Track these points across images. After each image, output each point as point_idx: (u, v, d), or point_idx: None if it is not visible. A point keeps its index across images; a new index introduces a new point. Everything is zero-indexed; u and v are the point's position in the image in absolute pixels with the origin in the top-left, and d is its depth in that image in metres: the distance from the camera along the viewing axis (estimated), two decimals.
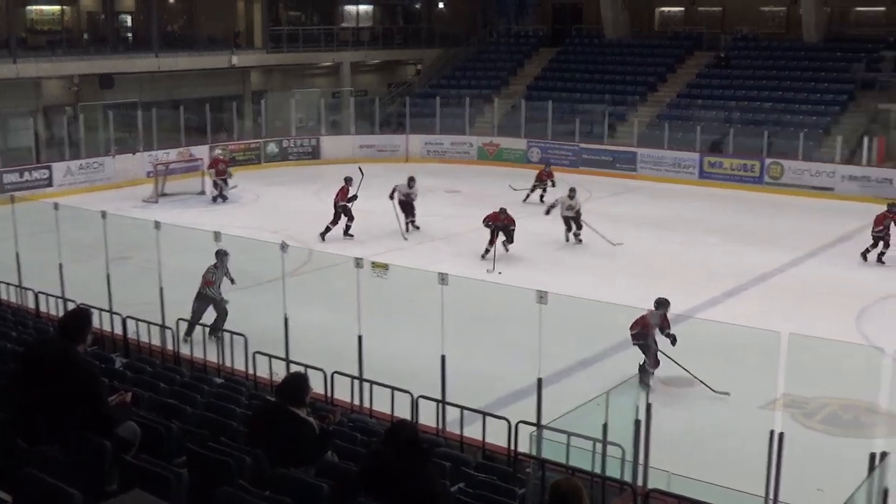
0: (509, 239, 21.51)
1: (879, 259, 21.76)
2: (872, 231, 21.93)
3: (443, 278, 11.60)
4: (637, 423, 9.95)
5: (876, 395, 13.06)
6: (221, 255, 15.69)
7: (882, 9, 37.50)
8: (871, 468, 8.32)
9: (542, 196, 27.82)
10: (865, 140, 30.60)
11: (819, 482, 10.10)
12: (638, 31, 42.02)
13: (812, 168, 30.69)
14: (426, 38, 45.83)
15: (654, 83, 38.49)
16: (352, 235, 23.65)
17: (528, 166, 34.52)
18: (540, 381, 11.36)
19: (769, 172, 31.29)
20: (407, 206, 24.17)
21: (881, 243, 21.76)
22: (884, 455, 8.32)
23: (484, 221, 21.64)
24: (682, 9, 42.47)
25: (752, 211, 27.93)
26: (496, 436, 10.30)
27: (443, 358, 11.94)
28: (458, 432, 10.65)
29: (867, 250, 21.87)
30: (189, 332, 15.00)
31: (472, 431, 10.56)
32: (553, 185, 27.75)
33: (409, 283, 15.37)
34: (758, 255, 22.07)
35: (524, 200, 27.72)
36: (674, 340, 13.89)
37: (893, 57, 34.27)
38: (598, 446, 9.51)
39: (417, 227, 24.24)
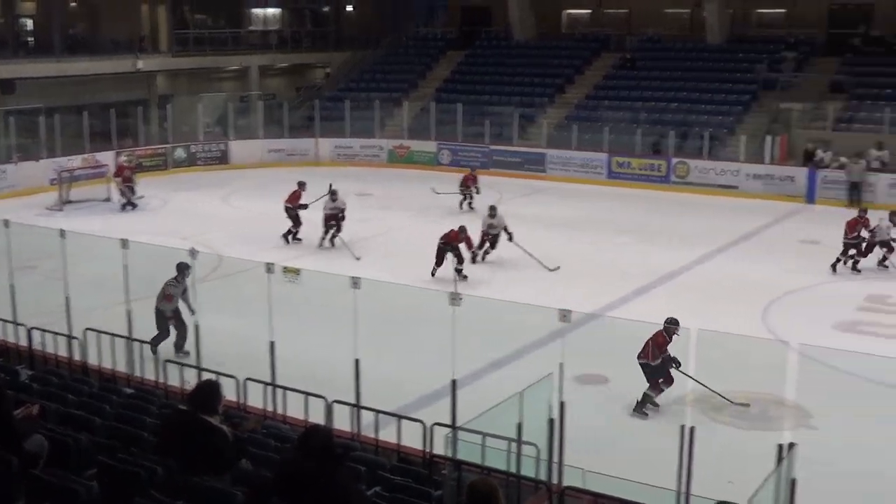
0: (460, 260, 20.19)
1: (854, 267, 20.95)
2: (844, 238, 21.01)
3: (355, 282, 11.56)
4: (551, 421, 10.03)
5: (782, 388, 13.34)
6: (183, 268, 14.96)
7: (783, 10, 38.39)
8: (779, 459, 8.50)
9: (470, 204, 27.32)
10: (768, 139, 31.29)
11: (729, 475, 10.27)
12: (545, 32, 42.37)
13: (717, 167, 31.29)
14: (334, 41, 45.69)
15: (562, 85, 38.85)
16: (300, 240, 23.30)
17: (439, 168, 34.74)
18: (454, 382, 11.40)
19: (676, 172, 31.83)
20: (332, 220, 22.91)
21: (853, 251, 20.94)
22: (791, 446, 8.51)
23: (441, 240, 20.17)
24: (588, 11, 42.96)
25: (659, 210, 28.36)
26: (411, 438, 10.28)
27: (356, 362, 11.90)
28: (373, 436, 10.62)
29: (838, 260, 21.01)
30: (155, 345, 14.65)
31: (388, 435, 10.54)
32: (478, 192, 27.50)
33: (322, 287, 15.29)
34: (666, 254, 22.40)
35: (461, 208, 27.27)
36: (678, 364, 13.23)
37: (794, 57, 35.11)
38: (514, 446, 9.58)
39: (332, 244, 22.96)
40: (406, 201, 28.87)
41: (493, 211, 22.01)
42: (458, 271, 20.08)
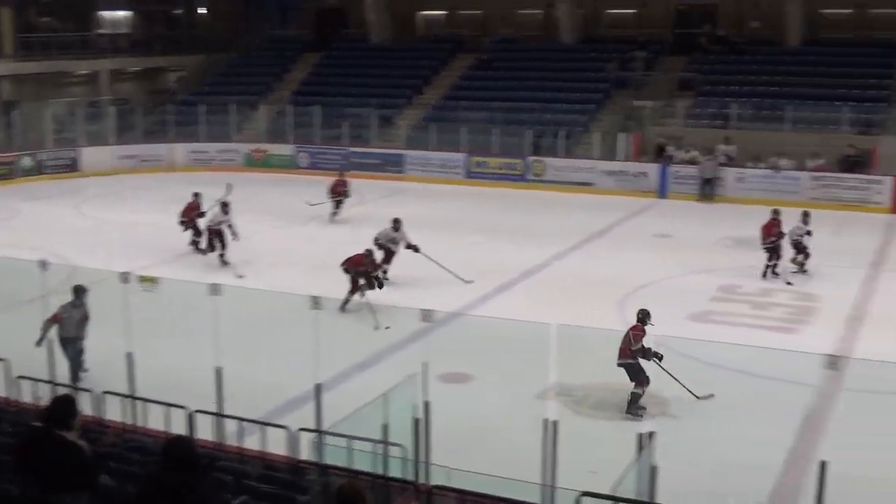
0: (369, 284, 17.96)
1: (773, 271, 20.38)
2: (762, 243, 20.42)
3: (214, 289, 11.39)
4: (416, 421, 10.06)
5: None
6: (80, 291, 14.24)
7: (632, 11, 39.32)
8: (640, 448, 8.72)
9: (335, 213, 26.58)
10: (621, 136, 32.10)
11: (592, 465, 10.47)
12: (401, 34, 42.46)
13: (573, 165, 31.90)
14: (188, 45, 44.83)
15: (419, 86, 39.01)
16: (202, 251, 22.28)
17: (298, 171, 34.55)
18: (318, 386, 11.33)
19: (532, 170, 32.31)
20: (216, 235, 21.76)
21: (774, 255, 20.29)
22: (651, 435, 8.74)
23: (343, 266, 18.05)
24: (443, 13, 43.22)
25: (517, 208, 28.70)
26: (277, 445, 10.18)
27: (218, 370, 11.72)
28: (237, 444, 10.48)
29: (767, 267, 20.34)
30: (74, 378, 13.80)
31: (252, 442, 10.40)
32: (349, 196, 27.00)
33: (181, 295, 15.01)
34: (521, 252, 22.60)
35: (333, 216, 26.55)
36: (660, 357, 13.16)
37: (644, 57, 36.01)
38: (380, 447, 9.58)
39: (223, 263, 21.52)
40: (264, 205, 28.55)
41: (397, 224, 20.39)
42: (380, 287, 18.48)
